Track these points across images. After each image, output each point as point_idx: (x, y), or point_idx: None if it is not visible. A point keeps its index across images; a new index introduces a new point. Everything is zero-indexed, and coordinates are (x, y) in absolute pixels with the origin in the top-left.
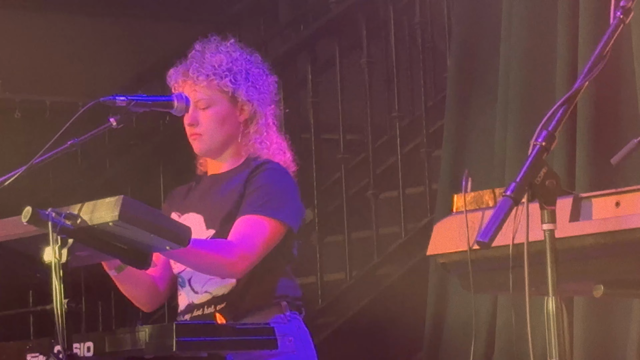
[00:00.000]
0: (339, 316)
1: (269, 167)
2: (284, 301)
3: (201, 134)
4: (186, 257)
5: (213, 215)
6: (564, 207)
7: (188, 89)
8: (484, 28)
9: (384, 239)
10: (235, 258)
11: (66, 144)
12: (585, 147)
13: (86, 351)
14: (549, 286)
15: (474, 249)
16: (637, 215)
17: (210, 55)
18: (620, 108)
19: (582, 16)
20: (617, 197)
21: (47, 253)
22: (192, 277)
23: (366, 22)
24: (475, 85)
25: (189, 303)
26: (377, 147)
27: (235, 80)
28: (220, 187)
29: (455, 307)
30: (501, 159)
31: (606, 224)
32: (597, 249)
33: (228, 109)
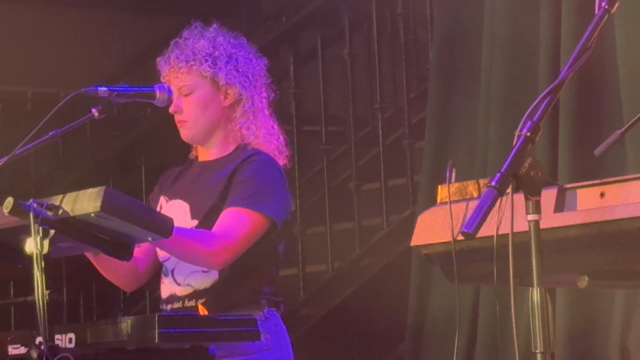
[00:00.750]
0: (321, 308)
1: (257, 159)
2: (263, 299)
3: (186, 121)
4: (169, 245)
5: (199, 205)
6: (548, 197)
7: (172, 77)
8: (466, 19)
9: (366, 231)
10: (216, 249)
11: (48, 135)
12: (567, 138)
13: (68, 342)
14: (534, 277)
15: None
16: (621, 206)
17: (192, 41)
18: (603, 99)
19: (565, 7)
20: (601, 188)
21: (29, 244)
22: (175, 267)
23: (348, 13)
24: (457, 77)
25: (171, 294)
26: (359, 138)
27: (215, 64)
28: (208, 176)
29: (437, 299)
30: (484, 151)
31: (591, 215)
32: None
33: (210, 93)
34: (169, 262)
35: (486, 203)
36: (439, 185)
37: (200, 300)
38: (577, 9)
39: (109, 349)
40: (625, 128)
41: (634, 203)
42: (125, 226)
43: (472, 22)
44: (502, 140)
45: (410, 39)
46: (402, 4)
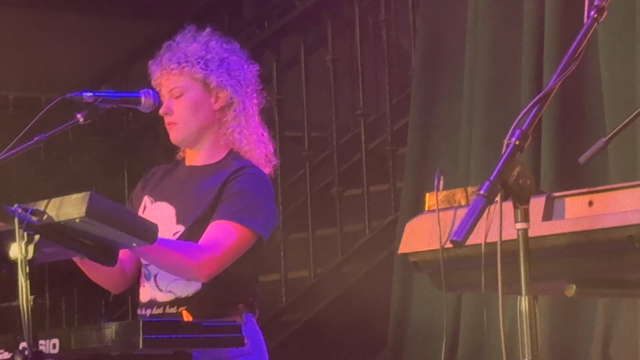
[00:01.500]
0: (303, 314)
1: (248, 172)
2: (241, 304)
3: (175, 123)
4: (153, 255)
5: (185, 211)
6: (536, 206)
7: (163, 79)
8: (449, 26)
9: (348, 237)
10: (202, 261)
11: (33, 140)
12: (550, 145)
13: (52, 348)
14: (522, 285)
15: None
16: (610, 214)
17: (184, 44)
18: (586, 107)
19: (548, 13)
20: (590, 197)
21: (13, 249)
22: (158, 273)
23: (331, 19)
24: (440, 83)
25: (152, 298)
26: (342, 144)
27: (207, 66)
28: (197, 182)
29: (419, 305)
30: (466, 157)
31: (579, 224)
32: (570, 248)
33: (201, 96)
34: (152, 266)
35: (475, 211)
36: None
37: (182, 307)
38: (560, 16)
39: (93, 355)
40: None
41: (623, 212)
42: (110, 232)
43: (455, 29)
44: (485, 147)
45: (393, 45)
46: (384, 11)
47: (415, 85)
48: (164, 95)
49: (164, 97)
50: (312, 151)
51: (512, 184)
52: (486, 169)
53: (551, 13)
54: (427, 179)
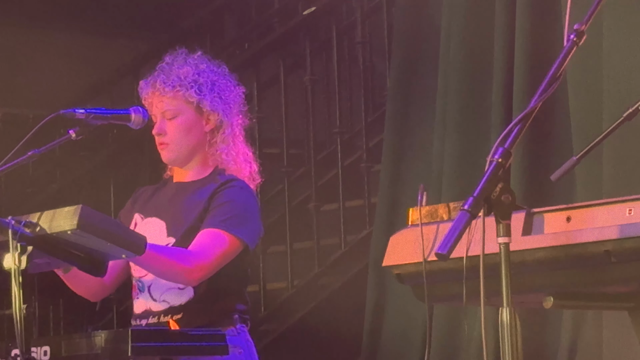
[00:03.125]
0: (280, 324)
1: (235, 185)
2: (235, 315)
3: (168, 143)
4: (145, 261)
5: (175, 224)
6: (516, 221)
7: (156, 100)
8: (423, 47)
9: (324, 250)
10: (192, 266)
11: (27, 155)
12: (520, 163)
13: (43, 355)
14: (504, 297)
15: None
16: (587, 230)
17: (177, 67)
18: (554, 129)
19: (518, 35)
20: (568, 213)
21: (7, 260)
22: (152, 284)
23: (309, 41)
24: (413, 102)
25: (147, 309)
26: (319, 160)
27: (200, 91)
28: (185, 197)
29: (392, 316)
30: (438, 173)
31: (557, 238)
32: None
33: (194, 118)
34: (146, 278)
35: (459, 225)
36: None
37: (177, 316)
38: (530, 36)
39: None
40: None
41: (599, 227)
42: (100, 243)
43: (428, 49)
44: (457, 165)
45: (368, 66)
46: (360, 33)
47: (390, 104)
48: (156, 115)
49: (155, 116)
50: (291, 167)
51: (494, 199)
52: (458, 185)
53: (521, 37)
54: (401, 195)
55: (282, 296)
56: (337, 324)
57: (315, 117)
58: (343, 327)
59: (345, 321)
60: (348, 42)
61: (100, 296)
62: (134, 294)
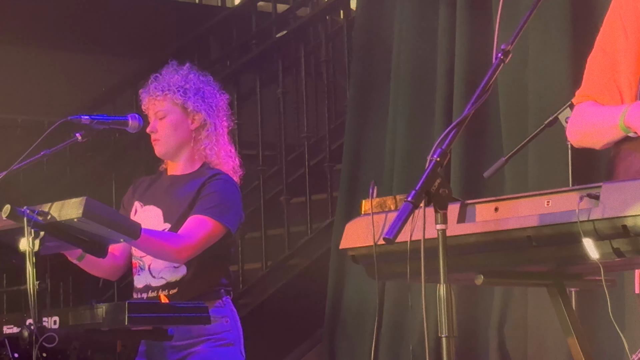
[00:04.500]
0: (256, 298)
1: (221, 178)
2: (221, 289)
3: (159, 139)
4: (140, 244)
5: (170, 212)
6: (452, 211)
7: (150, 103)
8: (377, 64)
9: (293, 236)
10: (179, 247)
11: (39, 154)
12: (458, 162)
13: (53, 324)
14: (441, 275)
15: (379, 244)
16: (512, 218)
17: (168, 75)
18: (487, 131)
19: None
20: (496, 204)
21: (22, 243)
22: (151, 263)
23: (281, 60)
24: (369, 112)
25: (147, 284)
26: (289, 161)
27: (185, 94)
28: (178, 188)
29: (350, 292)
30: (389, 172)
31: (487, 225)
32: (479, 245)
33: (180, 118)
34: (146, 258)
35: (404, 214)
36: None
37: (173, 290)
38: (467, 54)
39: (87, 330)
40: (509, 156)
41: (523, 216)
42: (102, 229)
43: (381, 66)
44: (405, 164)
45: (331, 81)
46: (324, 53)
47: (349, 114)
48: (151, 116)
49: (150, 118)
50: (265, 166)
51: (433, 192)
52: (406, 181)
53: (459, 56)
54: (358, 190)
55: (258, 275)
56: (304, 299)
57: (286, 124)
58: (309, 301)
59: (311, 296)
60: (314, 60)
61: (117, 275)
62: (134, 271)
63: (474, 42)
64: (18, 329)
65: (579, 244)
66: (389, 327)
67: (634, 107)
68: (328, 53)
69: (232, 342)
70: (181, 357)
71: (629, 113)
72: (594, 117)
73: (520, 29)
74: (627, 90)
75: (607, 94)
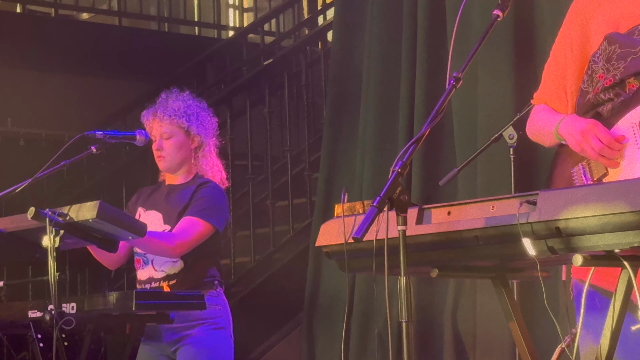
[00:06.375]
0: (245, 287)
1: (210, 185)
2: (215, 280)
3: (164, 157)
4: (143, 242)
5: (169, 215)
6: (412, 214)
7: (156, 125)
8: (349, 89)
9: (278, 234)
10: (174, 245)
11: (60, 164)
12: (418, 171)
13: (71, 309)
14: (401, 269)
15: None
16: (462, 221)
17: (172, 101)
18: (442, 146)
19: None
20: (449, 208)
21: (45, 240)
22: (154, 259)
23: (268, 84)
24: (342, 128)
25: (150, 276)
26: (274, 170)
27: (189, 119)
28: (175, 195)
29: (325, 282)
30: (360, 180)
31: (441, 227)
32: (434, 244)
33: (183, 139)
34: (149, 255)
35: (370, 217)
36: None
37: (172, 281)
38: (425, 80)
39: (100, 314)
40: (461, 167)
41: (471, 219)
42: (113, 229)
43: (353, 90)
44: (373, 174)
45: (310, 102)
46: (305, 78)
47: (325, 130)
48: (154, 135)
49: (154, 136)
50: (254, 174)
51: (395, 198)
52: (372, 189)
53: (419, 81)
54: (332, 195)
55: (247, 267)
56: (286, 288)
57: (272, 139)
58: (290, 290)
59: (292, 285)
60: (296, 85)
61: (116, 265)
62: (137, 266)
63: (431, 70)
64: (41, 314)
65: (519, 243)
66: (358, 312)
67: (567, 119)
68: (308, 78)
69: (223, 327)
70: (179, 338)
71: (562, 124)
72: (540, 121)
73: (469, 59)
74: (572, 98)
75: (557, 99)
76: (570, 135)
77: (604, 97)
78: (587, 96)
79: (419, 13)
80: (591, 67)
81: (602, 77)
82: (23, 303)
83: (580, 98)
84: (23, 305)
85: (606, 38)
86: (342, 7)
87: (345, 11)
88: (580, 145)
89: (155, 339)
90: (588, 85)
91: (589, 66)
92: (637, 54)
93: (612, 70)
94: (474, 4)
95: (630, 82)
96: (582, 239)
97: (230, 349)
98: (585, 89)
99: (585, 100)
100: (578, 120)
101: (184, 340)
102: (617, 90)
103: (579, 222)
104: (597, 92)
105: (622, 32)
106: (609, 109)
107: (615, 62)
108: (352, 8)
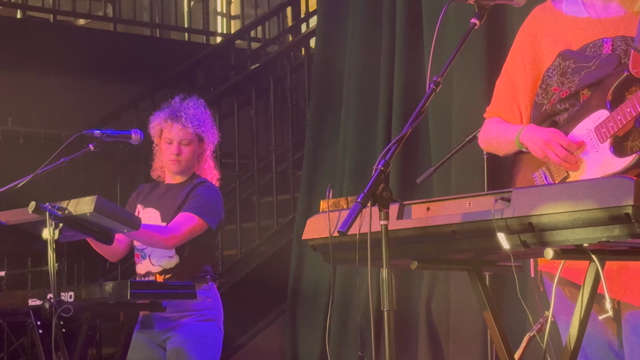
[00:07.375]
0: (233, 278)
1: (206, 185)
2: (208, 275)
3: (181, 162)
4: (138, 235)
5: (167, 212)
6: (393, 210)
7: (177, 129)
8: (331, 92)
9: (263, 228)
10: (167, 237)
11: (59, 161)
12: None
13: (69, 298)
14: (384, 261)
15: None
16: (440, 216)
17: (193, 110)
18: (419, 147)
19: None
20: (427, 204)
21: (45, 232)
22: (151, 253)
23: (254, 87)
24: (324, 129)
25: (148, 270)
26: (260, 168)
27: (205, 130)
28: (172, 194)
29: (308, 274)
30: (340, 178)
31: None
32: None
33: (197, 146)
34: (147, 249)
35: (354, 212)
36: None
37: (168, 275)
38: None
39: (96, 303)
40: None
41: (449, 215)
42: (109, 222)
43: (335, 93)
44: (353, 173)
45: (294, 104)
46: (289, 82)
47: (308, 130)
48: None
49: (170, 139)
50: (241, 172)
51: (378, 195)
52: (353, 186)
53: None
54: (314, 192)
55: (234, 259)
56: (271, 279)
57: (258, 139)
58: (275, 281)
59: (277, 277)
60: (281, 88)
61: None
62: (136, 260)
63: (410, 74)
64: (40, 302)
65: (493, 237)
66: (339, 303)
67: (527, 129)
68: (292, 82)
69: (212, 319)
70: (170, 327)
71: (523, 133)
72: (496, 132)
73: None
74: (524, 111)
75: (510, 112)
76: (533, 143)
77: (560, 107)
78: (542, 107)
79: (397, 22)
80: (545, 81)
81: (558, 90)
82: (23, 292)
83: (535, 110)
84: (23, 294)
85: (560, 55)
86: (324, 15)
87: (328, 19)
88: (544, 152)
89: (148, 328)
90: (543, 98)
91: (543, 80)
92: (591, 68)
93: (567, 83)
94: (449, 14)
95: (584, 93)
96: (554, 233)
97: (218, 340)
98: (540, 102)
99: (542, 111)
100: (538, 129)
101: (174, 330)
102: (572, 101)
103: (551, 218)
104: (554, 103)
105: (574, 50)
106: (565, 118)
107: (570, 76)
108: (334, 16)
